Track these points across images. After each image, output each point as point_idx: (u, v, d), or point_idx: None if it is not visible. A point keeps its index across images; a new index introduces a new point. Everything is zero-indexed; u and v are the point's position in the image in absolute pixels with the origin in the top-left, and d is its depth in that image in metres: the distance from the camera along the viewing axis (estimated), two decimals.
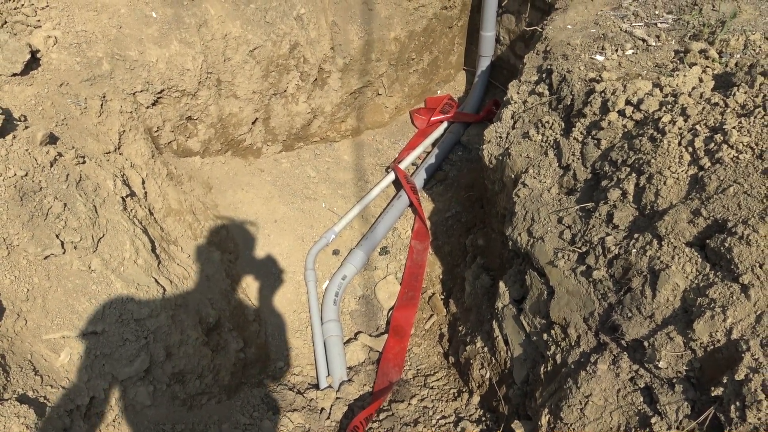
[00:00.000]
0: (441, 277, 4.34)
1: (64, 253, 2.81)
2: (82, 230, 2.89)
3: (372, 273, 4.38)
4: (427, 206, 4.78)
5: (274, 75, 4.34)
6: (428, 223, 4.60)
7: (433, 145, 5.22)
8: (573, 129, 2.93)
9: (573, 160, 2.87)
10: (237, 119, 4.36)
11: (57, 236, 2.80)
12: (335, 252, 4.43)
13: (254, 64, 4.18)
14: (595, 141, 2.78)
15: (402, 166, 4.91)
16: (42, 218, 2.79)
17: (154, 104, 3.85)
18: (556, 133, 3.06)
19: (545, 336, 2.71)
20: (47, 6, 3.60)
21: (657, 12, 3.50)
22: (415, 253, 4.43)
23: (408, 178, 4.75)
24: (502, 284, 3.17)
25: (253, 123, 4.47)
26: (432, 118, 5.36)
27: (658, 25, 3.42)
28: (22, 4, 3.54)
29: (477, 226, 4.13)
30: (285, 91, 4.48)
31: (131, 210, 3.29)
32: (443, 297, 4.19)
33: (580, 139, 2.89)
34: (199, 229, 3.87)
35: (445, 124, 5.31)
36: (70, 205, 2.89)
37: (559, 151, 2.96)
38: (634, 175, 2.45)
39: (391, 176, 4.85)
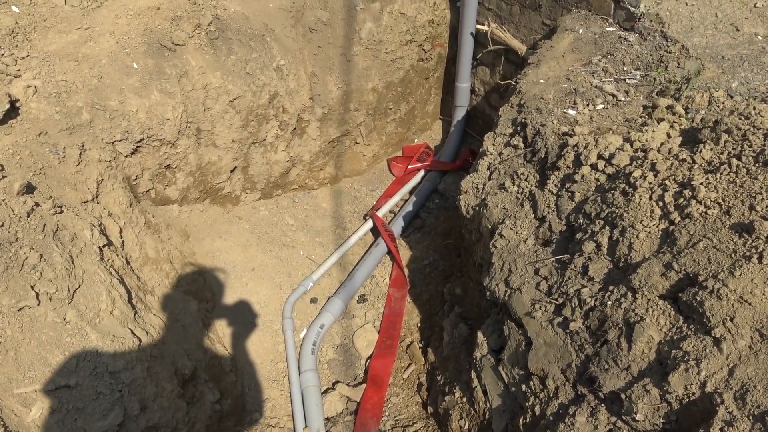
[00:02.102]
0: (419, 325, 4.35)
1: (38, 304, 2.76)
2: (58, 281, 2.86)
3: (350, 321, 4.37)
4: (404, 254, 4.82)
5: (254, 124, 4.39)
6: (406, 270, 4.62)
7: (411, 192, 5.29)
8: (548, 181, 3.00)
9: (548, 212, 2.93)
10: (216, 167, 4.38)
11: (32, 287, 2.76)
12: (313, 300, 4.42)
13: (234, 113, 4.23)
14: (570, 194, 2.86)
15: (380, 213, 4.95)
16: (17, 269, 2.76)
17: (133, 153, 3.85)
18: (532, 185, 3.13)
19: (524, 387, 2.73)
20: (27, 56, 3.63)
21: (625, 68, 3.64)
22: (393, 301, 4.43)
23: (386, 226, 4.79)
24: (480, 334, 3.19)
25: (232, 171, 4.49)
26: (409, 167, 5.44)
27: (627, 80, 3.55)
28: (2, 54, 3.57)
29: (455, 275, 4.16)
30: (264, 139, 4.53)
31: (108, 260, 3.26)
32: (421, 345, 4.19)
33: (555, 192, 2.96)
34: (176, 278, 3.84)
35: (422, 172, 5.39)
36: (46, 256, 2.86)
37: (535, 203, 3.02)
38: (607, 228, 2.52)
39: (369, 224, 4.89)
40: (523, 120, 3.41)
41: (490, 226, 3.25)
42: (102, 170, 3.62)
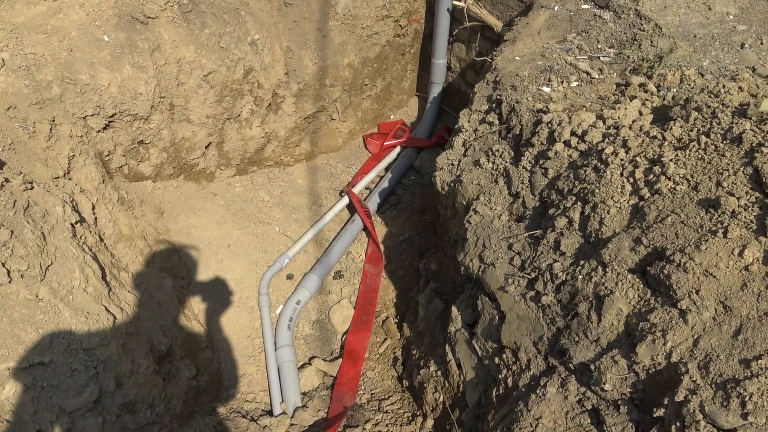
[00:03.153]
0: (395, 300, 4.39)
1: (10, 282, 2.73)
2: (30, 258, 2.82)
3: (326, 297, 4.39)
4: (380, 230, 4.84)
5: (228, 100, 4.34)
6: (382, 247, 4.65)
7: (387, 169, 5.29)
8: (522, 158, 3.04)
9: (522, 189, 2.96)
10: (190, 143, 4.33)
11: (3, 264, 2.73)
12: (289, 276, 4.43)
13: (208, 88, 4.18)
14: (543, 170, 2.89)
15: (356, 190, 4.96)
16: None
17: (105, 128, 3.80)
18: (506, 162, 3.16)
19: (497, 360, 2.78)
20: None
21: (599, 46, 3.66)
22: (368, 277, 4.46)
23: (362, 203, 4.80)
24: (454, 309, 3.23)
25: (206, 147, 4.45)
26: (385, 143, 5.44)
27: (601, 58, 3.58)
28: None
29: (430, 251, 4.20)
30: (239, 115, 4.49)
31: (81, 236, 3.23)
32: (397, 321, 4.23)
33: (529, 168, 2.99)
34: (151, 254, 3.82)
35: (398, 149, 5.39)
36: (17, 233, 2.83)
37: (509, 180, 3.06)
38: (579, 203, 2.56)
39: (345, 200, 4.89)
40: (498, 97, 3.43)
41: (464, 202, 3.28)
42: (73, 146, 3.56)
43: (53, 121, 3.49)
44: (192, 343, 3.75)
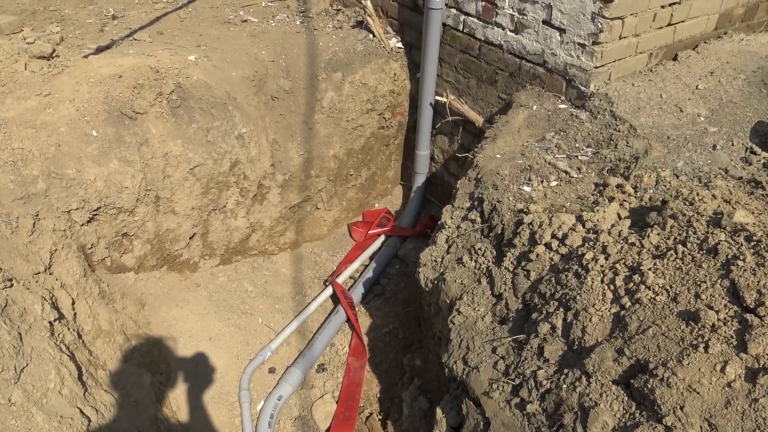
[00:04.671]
0: (378, 395, 4.31)
1: None
2: (5, 360, 2.76)
3: (309, 392, 4.30)
4: (364, 321, 4.80)
5: (214, 191, 4.38)
6: (365, 339, 4.60)
7: (371, 258, 5.31)
8: (504, 258, 3.06)
9: (505, 290, 2.98)
10: (174, 234, 4.34)
11: None
12: (271, 370, 4.35)
13: (194, 181, 4.23)
14: (525, 272, 2.91)
15: (340, 280, 4.95)
16: None
17: (89, 221, 3.80)
18: (489, 261, 3.18)
19: None
20: None
21: (577, 145, 3.77)
22: (352, 371, 4.39)
23: (345, 293, 4.78)
24: (439, 411, 3.17)
25: (190, 238, 4.45)
26: (369, 231, 5.47)
27: (579, 157, 3.68)
28: None
29: (414, 345, 4.16)
30: (224, 206, 4.52)
31: (59, 335, 3.17)
32: (380, 417, 4.14)
33: (511, 269, 3.01)
34: (130, 349, 3.74)
35: (382, 238, 5.43)
36: None
37: (492, 280, 3.07)
38: (561, 309, 2.56)
39: (329, 290, 4.87)
40: (480, 195, 3.49)
41: (448, 301, 3.27)
42: (56, 240, 3.55)
43: (37, 215, 3.49)
44: None
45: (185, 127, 4.19)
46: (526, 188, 3.44)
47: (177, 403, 3.88)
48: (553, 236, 2.88)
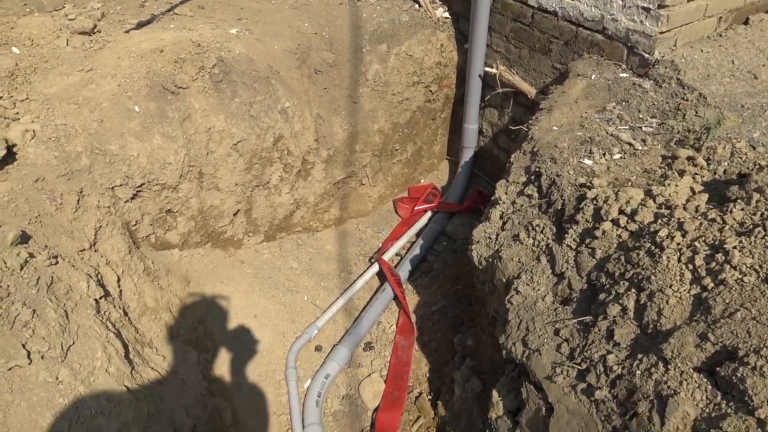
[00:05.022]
0: (428, 375, 4.19)
1: (30, 363, 2.61)
2: (51, 338, 2.71)
3: (356, 371, 4.21)
4: (412, 299, 4.67)
5: (258, 167, 4.28)
6: (413, 317, 4.47)
7: (417, 235, 5.16)
8: (566, 235, 2.88)
9: (567, 269, 2.80)
10: (218, 211, 4.26)
11: (23, 346, 2.62)
12: (318, 348, 4.27)
13: (237, 156, 4.13)
14: (590, 250, 2.73)
15: (386, 257, 4.82)
16: (8, 326, 2.62)
17: (133, 198, 3.74)
18: (548, 238, 3.01)
19: None
20: (27, 98, 3.55)
21: (641, 116, 3.54)
22: (399, 349, 4.28)
23: (392, 270, 4.66)
24: (495, 393, 3.03)
25: (234, 214, 4.37)
26: (415, 208, 5.33)
27: (643, 128, 3.45)
28: (1, 97, 3.48)
29: (465, 324, 4.02)
30: (268, 182, 4.42)
31: (105, 312, 3.12)
32: (430, 398, 4.02)
33: (574, 247, 2.83)
34: (176, 327, 3.69)
35: (429, 214, 5.27)
36: (39, 312, 2.73)
37: (552, 258, 2.90)
38: (633, 290, 2.38)
39: (375, 268, 4.75)
40: (537, 169, 3.31)
41: (504, 280, 3.11)
42: (100, 216, 3.49)
43: (81, 192, 3.43)
44: (216, 421, 3.57)
45: (228, 101, 4.08)
46: (587, 161, 3.24)
47: (223, 380, 3.82)
48: (621, 212, 2.69)
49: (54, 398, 2.65)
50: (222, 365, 3.86)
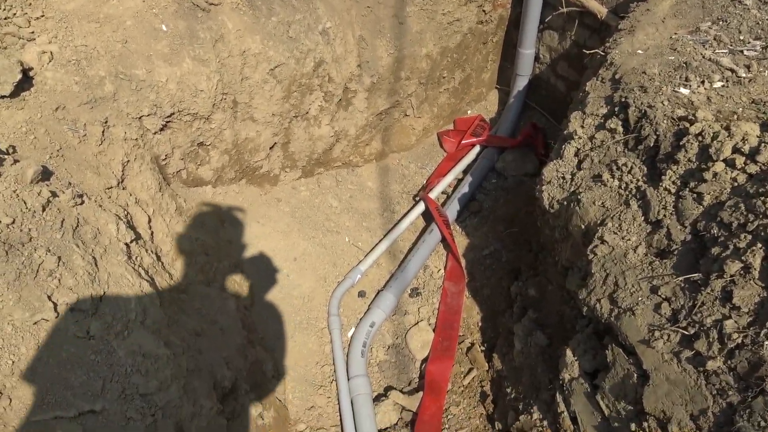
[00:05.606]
0: (480, 324, 3.89)
1: (57, 317, 2.33)
2: (80, 289, 2.42)
3: (402, 318, 3.92)
4: (461, 242, 4.33)
5: (296, 95, 3.89)
6: (463, 261, 4.14)
7: (465, 172, 4.77)
8: (663, 177, 2.48)
9: (665, 216, 2.41)
10: (254, 144, 3.90)
11: (49, 297, 2.33)
12: (361, 294, 3.98)
13: (275, 83, 3.73)
14: (695, 195, 2.34)
15: (432, 195, 4.45)
16: (31, 276, 2.33)
17: (162, 129, 3.39)
18: (639, 180, 2.61)
19: (633, 426, 2.27)
20: (42, 16, 3.14)
21: (742, 37, 3.07)
22: (449, 296, 3.97)
23: (440, 210, 4.30)
24: (569, 352, 2.72)
25: (270, 148, 4.01)
26: (463, 141, 4.91)
27: (745, 52, 2.98)
28: (14, 14, 3.07)
29: (526, 272, 3.67)
30: (307, 113, 4.03)
31: (136, 258, 2.82)
32: (484, 349, 3.74)
33: (673, 191, 2.44)
34: (212, 271, 3.40)
35: (477, 149, 4.86)
36: (65, 259, 2.43)
37: (646, 203, 2.51)
38: (760, 245, 2.00)
39: (421, 207, 4.39)
40: (623, 99, 2.87)
41: (583, 226, 2.74)
42: (128, 150, 3.16)
43: (106, 122, 3.09)
44: (257, 373, 3.33)
45: (264, 20, 3.65)
46: (684, 90, 2.80)
47: (264, 329, 3.56)
48: (736, 150, 2.28)
49: (86, 355, 2.38)
50: (262, 313, 3.59)
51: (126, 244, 2.77)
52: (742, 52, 2.99)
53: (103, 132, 3.05)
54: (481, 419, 3.41)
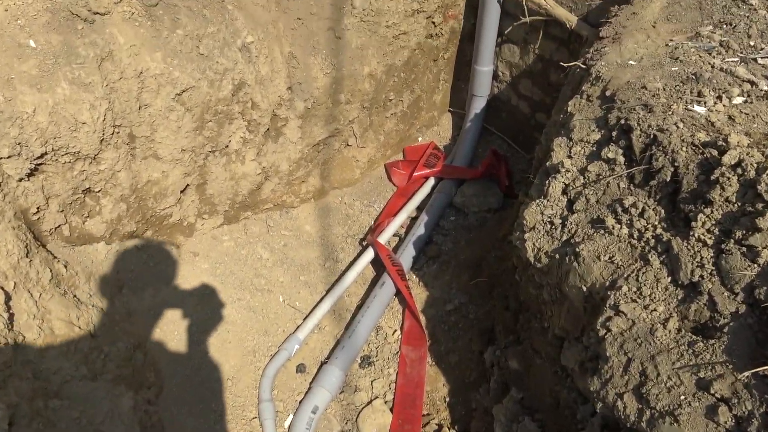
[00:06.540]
0: (447, 399, 3.18)
1: None
2: None
3: (352, 397, 3.19)
4: (419, 294, 3.64)
5: (212, 126, 3.17)
6: (423, 319, 3.45)
7: (419, 209, 4.10)
8: (693, 224, 1.86)
9: (703, 277, 1.78)
10: (159, 188, 3.14)
11: None
12: (300, 369, 3.23)
13: (183, 111, 3.01)
14: (746, 249, 1.71)
15: (382, 239, 3.76)
16: None
17: (30, 175, 2.62)
18: (656, 226, 1.98)
19: None
20: None
21: (752, 42, 2.53)
22: (408, 365, 3.27)
23: (392, 257, 3.60)
24: None
25: (182, 191, 3.27)
26: (415, 173, 4.25)
27: (759, 60, 2.44)
28: None
29: (503, 337, 2.99)
30: (227, 146, 3.32)
31: None
32: (455, 431, 3.03)
33: (710, 242, 1.81)
34: (101, 359, 2.61)
35: (431, 181, 4.21)
36: None
37: (672, 258, 1.87)
38: None
39: (370, 254, 3.69)
40: (622, 121, 2.25)
41: (584, 288, 2.09)
42: None
43: None
44: None
45: (167, 34, 2.93)
46: (699, 108, 2.20)
47: (173, 428, 2.76)
48: None
49: None
50: (171, 408, 2.80)
51: None
52: (755, 60, 2.44)
53: None
54: None
